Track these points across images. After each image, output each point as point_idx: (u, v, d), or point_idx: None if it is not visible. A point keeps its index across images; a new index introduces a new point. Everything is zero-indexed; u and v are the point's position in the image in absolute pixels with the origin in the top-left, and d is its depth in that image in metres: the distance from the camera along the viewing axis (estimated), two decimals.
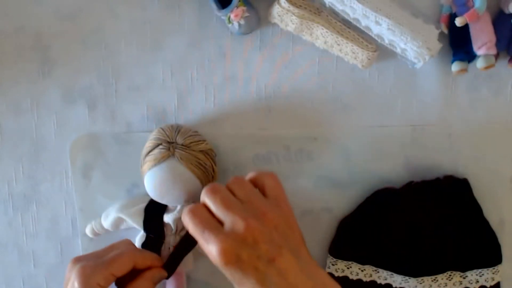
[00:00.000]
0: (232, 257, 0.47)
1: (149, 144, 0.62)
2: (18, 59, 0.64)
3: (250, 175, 0.54)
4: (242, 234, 0.48)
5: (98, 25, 0.63)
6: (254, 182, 0.53)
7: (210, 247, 0.48)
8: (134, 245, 0.61)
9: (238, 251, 0.47)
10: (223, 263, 0.47)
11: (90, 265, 0.55)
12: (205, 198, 0.50)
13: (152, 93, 0.65)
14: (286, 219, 0.51)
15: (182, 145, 0.61)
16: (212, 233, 0.48)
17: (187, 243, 0.60)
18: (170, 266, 0.60)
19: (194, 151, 0.61)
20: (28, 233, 0.69)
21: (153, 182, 0.61)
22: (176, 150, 0.61)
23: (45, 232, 0.69)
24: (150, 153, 0.61)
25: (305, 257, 0.50)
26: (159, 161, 0.60)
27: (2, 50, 0.64)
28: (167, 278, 0.60)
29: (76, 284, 0.53)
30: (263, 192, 0.52)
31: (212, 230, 0.48)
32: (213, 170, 0.63)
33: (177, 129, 0.62)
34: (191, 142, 0.61)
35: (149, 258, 0.59)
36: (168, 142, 0.61)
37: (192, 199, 0.62)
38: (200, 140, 0.62)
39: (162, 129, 0.62)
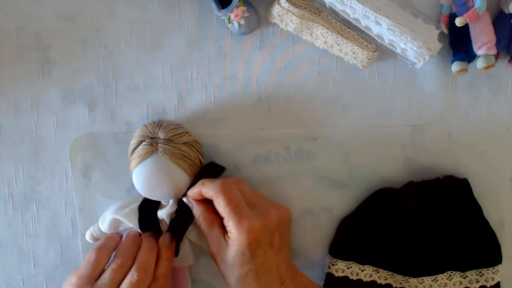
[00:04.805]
0: (256, 237, 0.54)
1: (133, 141, 0.62)
2: (18, 59, 0.64)
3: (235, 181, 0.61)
4: (267, 221, 0.55)
5: (98, 25, 0.63)
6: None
7: (241, 221, 0.54)
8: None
9: (261, 233, 0.54)
10: (247, 239, 0.53)
11: None
12: (233, 185, 0.57)
13: (152, 93, 0.65)
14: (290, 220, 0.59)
15: (165, 139, 0.61)
16: (245, 210, 0.55)
17: (183, 215, 0.62)
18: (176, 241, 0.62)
19: (177, 144, 0.61)
20: (28, 233, 0.69)
21: (141, 179, 0.61)
22: (159, 144, 0.61)
23: (45, 232, 0.69)
24: (135, 151, 0.61)
25: (290, 255, 0.59)
26: (143, 157, 0.60)
27: (2, 50, 0.64)
28: (176, 255, 0.62)
29: None
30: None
31: (245, 208, 0.55)
32: (200, 162, 0.63)
33: (158, 124, 0.62)
34: (174, 135, 0.61)
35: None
36: (151, 138, 0.61)
37: (182, 192, 0.62)
38: (182, 133, 0.62)
39: (145, 126, 0.63)
